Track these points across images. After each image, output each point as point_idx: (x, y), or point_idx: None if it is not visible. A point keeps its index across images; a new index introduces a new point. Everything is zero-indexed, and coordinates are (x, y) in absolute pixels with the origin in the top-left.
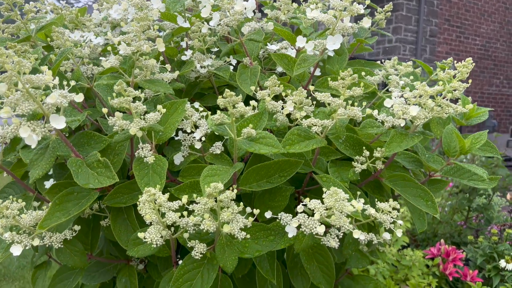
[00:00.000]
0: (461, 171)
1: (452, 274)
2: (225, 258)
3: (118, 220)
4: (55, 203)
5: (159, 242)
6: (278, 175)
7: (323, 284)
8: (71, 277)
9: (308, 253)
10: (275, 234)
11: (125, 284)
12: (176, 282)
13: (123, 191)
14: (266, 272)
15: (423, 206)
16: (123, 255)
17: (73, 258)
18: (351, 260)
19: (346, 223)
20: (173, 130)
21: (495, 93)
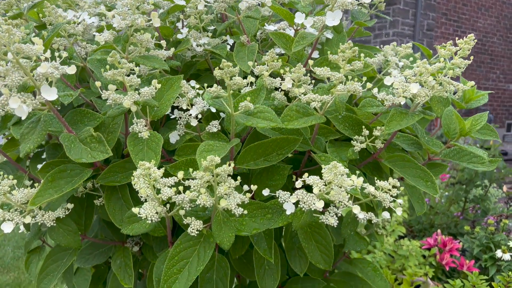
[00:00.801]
0: (461, 153)
1: (449, 264)
2: (221, 235)
3: (112, 199)
4: (47, 180)
5: (154, 218)
6: (276, 153)
7: (321, 264)
8: (64, 258)
9: (306, 232)
10: (273, 212)
11: (120, 266)
12: (172, 260)
13: (118, 169)
14: (264, 251)
15: (422, 186)
16: (118, 237)
17: (66, 238)
18: (349, 242)
19: (345, 198)
20: (168, 106)
21: (491, 88)
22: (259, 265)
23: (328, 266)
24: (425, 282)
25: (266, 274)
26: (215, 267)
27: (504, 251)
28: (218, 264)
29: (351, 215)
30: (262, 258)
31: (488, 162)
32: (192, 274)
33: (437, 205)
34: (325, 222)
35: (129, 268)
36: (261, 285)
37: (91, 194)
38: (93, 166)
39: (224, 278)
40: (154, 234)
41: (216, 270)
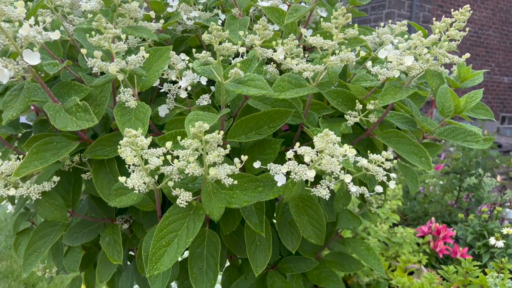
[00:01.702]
0: (456, 132)
1: (442, 251)
2: (211, 206)
3: (100, 174)
4: (32, 152)
5: (142, 188)
6: (268, 126)
7: (313, 239)
8: (52, 234)
9: (297, 206)
10: (264, 185)
11: (109, 243)
12: (160, 232)
13: (105, 143)
14: (255, 225)
15: (417, 162)
16: (107, 214)
17: (53, 212)
18: (341, 220)
19: (337, 168)
20: (156, 77)
21: (486, 80)
22: (250, 241)
23: (320, 241)
24: (418, 269)
25: (258, 250)
26: (205, 242)
27: (497, 238)
28: (209, 240)
29: (344, 189)
30: (254, 234)
31: (482, 140)
32: (181, 247)
33: (431, 194)
34: (317, 194)
35: (118, 245)
36: (253, 261)
37: (78, 170)
38: (80, 140)
39: (215, 253)
40: (143, 208)
41: (207, 246)
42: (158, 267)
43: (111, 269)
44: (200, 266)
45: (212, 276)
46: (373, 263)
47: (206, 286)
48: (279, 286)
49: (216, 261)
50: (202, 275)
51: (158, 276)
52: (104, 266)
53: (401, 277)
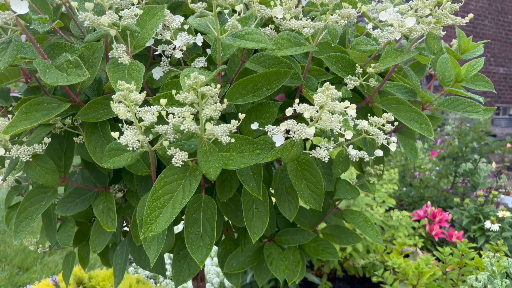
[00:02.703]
0: (456, 102)
1: (438, 234)
2: (208, 164)
3: (93, 137)
4: (22, 112)
5: (136, 145)
6: (266, 88)
7: (312, 203)
8: (43, 200)
9: (296, 170)
10: (262, 148)
11: (102, 210)
12: (155, 193)
13: (98, 106)
14: (252, 189)
15: (417, 129)
16: (101, 182)
17: (44, 176)
18: (339, 190)
19: (338, 126)
20: (150, 35)
21: (481, 71)
22: (247, 207)
23: (319, 206)
24: (414, 252)
25: (255, 217)
26: (201, 208)
27: (493, 221)
28: (205, 205)
29: (343, 154)
30: (251, 201)
31: (482, 110)
32: (177, 208)
33: (427, 179)
34: (316, 156)
35: (112, 212)
36: (250, 227)
37: (70, 135)
38: (72, 102)
39: (211, 219)
40: (138, 172)
41: (203, 211)
42: (153, 229)
43: (104, 239)
44: (196, 231)
45: (208, 241)
46: (371, 234)
47: (202, 252)
48: (276, 258)
49: (212, 227)
50: (198, 241)
51: (153, 241)
52: (98, 236)
53: (397, 258)
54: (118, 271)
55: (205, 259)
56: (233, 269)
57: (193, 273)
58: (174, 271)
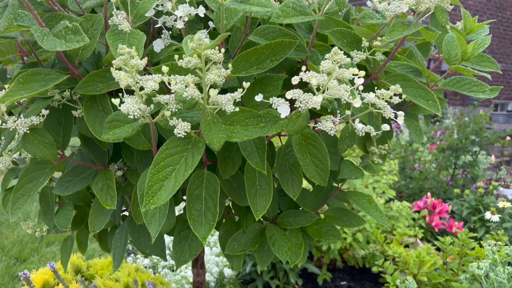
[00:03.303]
0: (462, 82)
1: (438, 225)
2: (211, 135)
3: (92, 111)
4: (18, 82)
5: (137, 113)
6: (270, 60)
7: (317, 179)
8: (41, 177)
9: (300, 144)
10: (266, 121)
11: (102, 188)
12: (157, 165)
13: (97, 79)
14: (256, 164)
15: (424, 105)
16: (100, 160)
17: (41, 150)
18: (343, 170)
19: (346, 94)
20: (151, 3)
21: None
22: (250, 185)
23: (323, 182)
24: (414, 242)
25: (258, 194)
26: (204, 184)
27: (493, 212)
28: (207, 182)
29: (349, 129)
30: (254, 177)
31: (489, 90)
32: (179, 180)
33: (427, 170)
34: (322, 128)
35: (112, 189)
36: (253, 205)
37: (69, 111)
38: (70, 74)
39: (213, 195)
40: (138, 147)
41: (205, 188)
42: (154, 202)
43: (104, 218)
44: (198, 208)
45: (211, 217)
46: (375, 215)
47: (204, 228)
48: (279, 239)
49: (215, 203)
50: (200, 217)
51: (154, 217)
52: (97, 216)
53: (397, 248)
54: (117, 254)
55: (207, 235)
56: (234, 251)
57: (194, 254)
58: (175, 252)
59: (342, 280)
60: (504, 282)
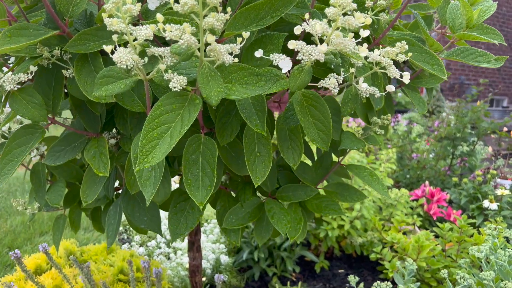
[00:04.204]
0: (466, 52)
1: (436, 214)
2: (208, 88)
3: (83, 71)
4: (5, 35)
5: (130, 63)
6: (270, 16)
7: (319, 143)
8: (30, 142)
9: (302, 105)
10: (266, 79)
11: (94, 155)
12: (151, 122)
13: (89, 37)
14: (256, 125)
15: (429, 69)
16: (92, 128)
17: (30, 110)
18: (345, 140)
19: (352, 44)
20: None
21: None
22: (249, 151)
23: (326, 146)
24: (412, 230)
25: (257, 161)
26: (201, 149)
27: (491, 200)
28: (204, 146)
29: (352, 91)
30: (253, 144)
31: (494, 60)
32: (175, 137)
33: (425, 160)
34: (324, 85)
35: (105, 156)
36: (252, 171)
37: (59, 73)
38: (60, 31)
39: (211, 160)
40: (132, 108)
41: (202, 152)
42: (149, 160)
43: (96, 188)
44: (195, 173)
45: (208, 182)
46: (377, 187)
47: (202, 193)
48: (278, 212)
49: (212, 168)
50: (197, 182)
51: (149, 179)
52: (89, 186)
53: (396, 234)
54: (111, 231)
55: (204, 200)
56: (232, 225)
57: (191, 227)
58: (170, 224)
59: (339, 268)
60: (505, 265)
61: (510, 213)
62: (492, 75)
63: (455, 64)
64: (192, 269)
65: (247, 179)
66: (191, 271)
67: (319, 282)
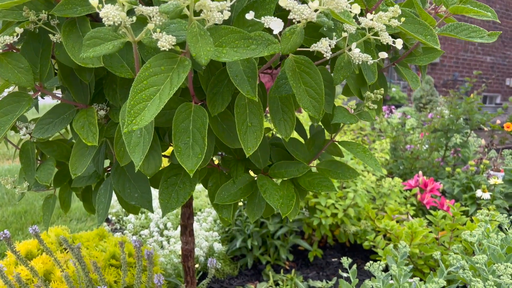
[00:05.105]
0: (460, 28)
1: (430, 203)
2: (198, 47)
3: (71, 37)
4: None
5: (117, 19)
6: None
7: (311, 110)
8: (16, 110)
9: (294, 71)
10: (258, 43)
11: (83, 125)
12: (140, 84)
13: (77, 2)
14: (247, 92)
15: (423, 39)
16: (81, 98)
17: (16, 75)
18: (337, 115)
19: (343, 3)
20: None
21: (469, 59)
22: (241, 121)
23: (318, 114)
24: (406, 219)
25: (249, 131)
26: (191, 117)
27: (484, 190)
28: (195, 115)
29: (345, 59)
30: (245, 114)
31: (487, 35)
32: (164, 99)
33: (418, 151)
34: (316, 49)
35: (93, 125)
36: (244, 141)
37: (47, 39)
38: None
39: (201, 128)
40: (121, 74)
41: (193, 121)
42: (137, 122)
43: (85, 161)
44: (185, 141)
45: (199, 150)
46: (370, 163)
47: (192, 161)
48: (270, 188)
49: (203, 136)
50: (188, 150)
51: (138, 145)
52: (78, 158)
53: (389, 221)
54: (101, 210)
55: (195, 168)
56: (224, 200)
57: (182, 202)
58: (161, 198)
59: (333, 257)
60: (497, 249)
61: (502, 202)
62: (485, 72)
63: (449, 61)
64: (184, 254)
65: (239, 157)
66: (183, 255)
67: (312, 271)
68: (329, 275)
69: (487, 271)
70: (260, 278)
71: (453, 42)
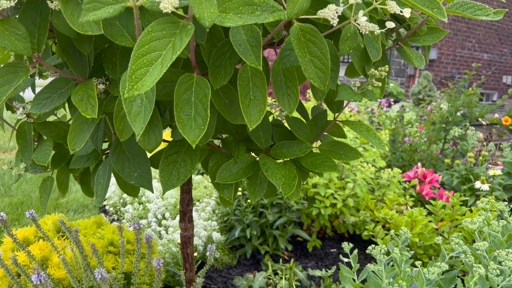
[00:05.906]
0: (465, 6)
1: (429, 194)
2: (202, 8)
3: (70, 3)
4: None
5: None
6: None
7: (316, 81)
8: (13, 81)
9: (299, 40)
10: (262, 10)
11: (82, 98)
12: (141, 48)
13: None
14: (251, 60)
15: (430, 12)
16: (80, 72)
17: (13, 42)
18: (341, 92)
19: None
20: None
21: (466, 56)
22: (244, 94)
23: (323, 85)
24: (405, 210)
25: (252, 105)
26: (193, 88)
27: (483, 181)
28: (197, 86)
29: (351, 29)
30: (248, 86)
31: (492, 13)
32: (166, 64)
33: (417, 143)
34: (323, 16)
35: (93, 98)
36: (247, 114)
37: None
38: None
39: (204, 99)
40: (121, 43)
41: (195, 92)
42: (139, 87)
43: (84, 136)
44: (187, 112)
45: (201, 122)
46: (374, 141)
47: (194, 132)
48: (272, 167)
49: (205, 107)
50: (190, 121)
51: (139, 115)
52: (77, 134)
53: (389, 210)
54: (100, 190)
55: (197, 139)
56: (225, 180)
57: (183, 180)
58: (162, 176)
59: (331, 247)
60: (498, 236)
61: (501, 194)
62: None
63: (446, 58)
64: (184, 240)
65: (241, 138)
66: (182, 242)
67: (311, 261)
68: (328, 265)
69: (487, 258)
70: (259, 268)
71: (451, 39)
